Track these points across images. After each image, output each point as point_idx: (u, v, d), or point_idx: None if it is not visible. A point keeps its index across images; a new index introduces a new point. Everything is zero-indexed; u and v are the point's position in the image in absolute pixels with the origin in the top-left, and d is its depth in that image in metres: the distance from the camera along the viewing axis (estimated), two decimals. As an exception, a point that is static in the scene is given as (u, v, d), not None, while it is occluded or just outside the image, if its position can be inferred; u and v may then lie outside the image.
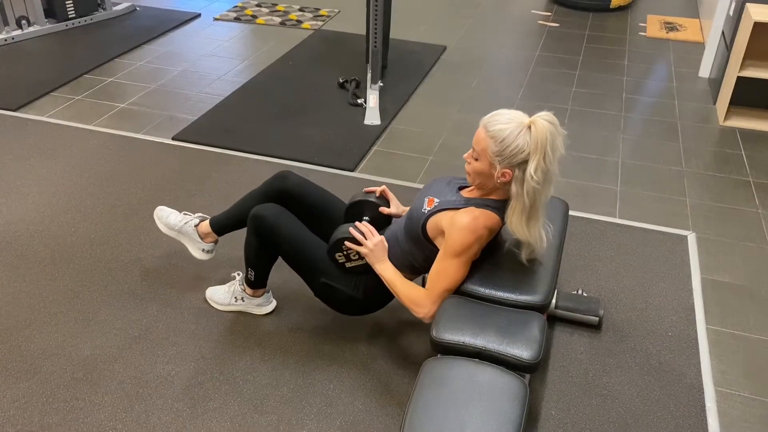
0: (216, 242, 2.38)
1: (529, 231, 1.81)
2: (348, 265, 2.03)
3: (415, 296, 1.89)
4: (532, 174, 1.70)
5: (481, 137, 1.76)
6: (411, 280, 1.99)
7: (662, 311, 2.37)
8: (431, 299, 1.86)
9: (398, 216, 2.15)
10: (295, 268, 2.10)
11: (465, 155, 1.85)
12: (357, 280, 2.05)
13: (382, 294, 2.04)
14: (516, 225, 1.79)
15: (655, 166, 3.29)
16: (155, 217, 2.40)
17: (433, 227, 1.87)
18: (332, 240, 1.99)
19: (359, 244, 1.95)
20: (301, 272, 2.09)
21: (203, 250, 2.37)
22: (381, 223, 2.13)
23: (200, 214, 2.40)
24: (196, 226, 2.35)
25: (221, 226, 2.32)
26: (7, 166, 3.16)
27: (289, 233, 2.06)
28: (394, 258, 2.00)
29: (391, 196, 2.16)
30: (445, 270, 1.84)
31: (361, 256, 1.99)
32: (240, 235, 2.26)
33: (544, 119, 1.71)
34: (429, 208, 1.89)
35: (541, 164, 1.70)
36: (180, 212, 2.40)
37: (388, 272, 1.95)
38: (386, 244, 1.98)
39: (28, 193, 2.96)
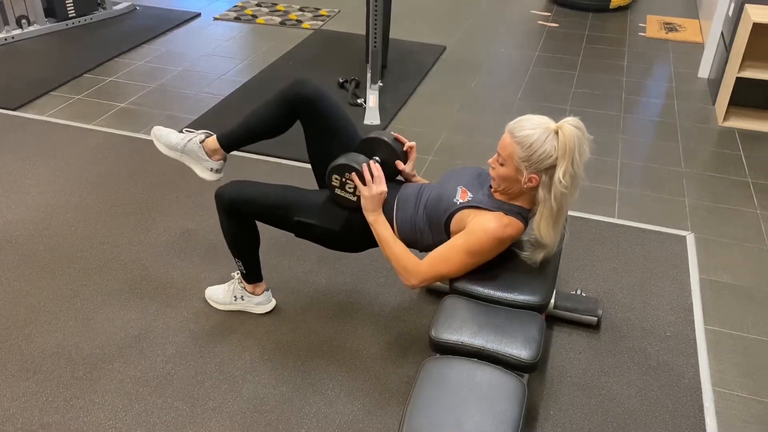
0: (225, 160, 2.19)
1: (555, 234, 1.81)
2: (337, 191, 1.98)
3: (408, 264, 1.86)
4: (561, 179, 1.70)
5: (508, 143, 1.76)
6: None
7: (661, 311, 2.38)
8: (425, 275, 1.84)
9: (408, 177, 2.11)
10: (270, 222, 2.06)
11: (490, 160, 1.84)
12: (333, 214, 2.01)
13: (364, 233, 1.99)
14: (544, 230, 1.79)
15: (654, 167, 3.29)
16: (153, 138, 2.17)
17: (459, 221, 1.84)
18: (340, 161, 1.94)
19: (363, 181, 1.92)
20: (277, 223, 2.06)
21: (211, 169, 2.17)
22: (388, 171, 2.05)
23: (205, 130, 2.18)
24: (201, 142, 2.14)
25: (230, 141, 2.13)
26: (6, 165, 3.17)
27: (251, 192, 2.03)
28: (402, 224, 1.96)
29: (413, 156, 2.10)
30: (451, 259, 1.82)
31: (354, 193, 1.96)
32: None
33: (571, 124, 1.71)
34: (462, 201, 1.85)
35: (569, 169, 1.70)
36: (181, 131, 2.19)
37: (381, 226, 1.92)
38: (385, 197, 1.94)
39: (28, 193, 2.96)
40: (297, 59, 4.43)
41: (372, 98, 3.80)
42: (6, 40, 4.48)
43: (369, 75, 3.99)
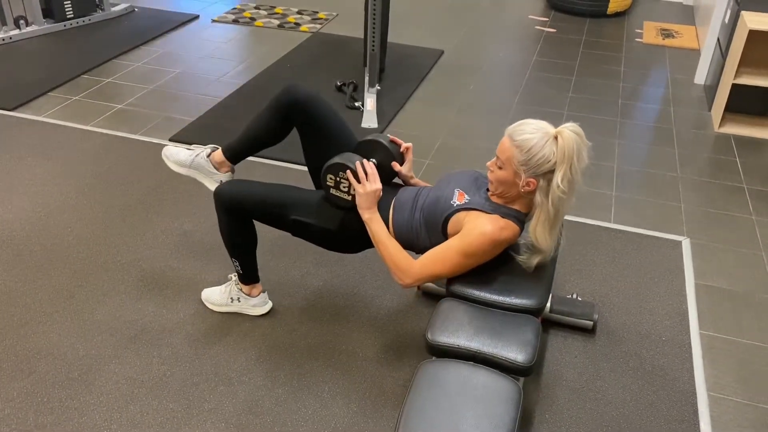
0: (232, 172, 2.25)
1: (552, 240, 1.82)
2: (332, 191, 1.99)
3: (402, 263, 1.86)
4: (559, 184, 1.71)
5: (506, 146, 1.77)
6: None
7: (656, 316, 2.39)
8: (418, 275, 1.84)
9: (406, 179, 2.12)
10: (267, 221, 2.07)
11: (488, 163, 1.85)
12: (330, 213, 2.01)
13: (361, 233, 1.99)
14: (540, 234, 1.80)
15: (650, 172, 3.30)
16: (164, 157, 2.26)
17: (456, 223, 1.85)
18: (334, 161, 1.95)
19: (358, 179, 1.92)
20: (274, 221, 2.06)
21: (221, 181, 2.22)
22: (385, 173, 2.06)
23: (212, 145, 2.25)
24: (208, 156, 2.21)
25: (234, 152, 2.20)
26: (3, 165, 3.16)
27: (249, 191, 2.05)
28: (399, 226, 1.96)
29: (409, 157, 2.12)
30: (446, 259, 1.82)
31: (349, 192, 1.96)
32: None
33: (570, 130, 1.72)
34: (459, 203, 1.86)
35: (567, 174, 1.71)
36: (188, 147, 2.26)
37: (376, 225, 1.92)
38: (380, 195, 1.95)
39: (25, 193, 2.96)
40: (295, 62, 4.43)
41: (370, 101, 3.80)
42: (4, 40, 4.48)
43: (367, 78, 4.00)
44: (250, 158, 3.26)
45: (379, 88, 4.01)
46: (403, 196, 2.01)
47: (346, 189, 1.96)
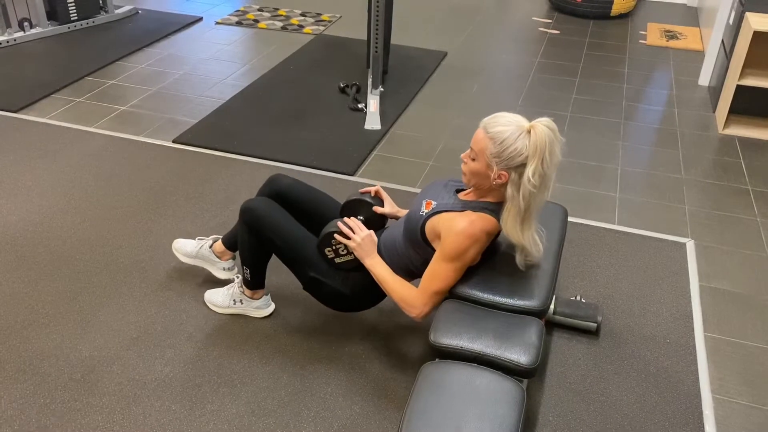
0: (234, 258, 2.42)
1: (523, 234, 1.81)
2: (337, 260, 2.04)
3: (407, 296, 1.90)
4: (530, 177, 1.71)
5: (480, 137, 1.77)
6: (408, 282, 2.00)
7: (660, 318, 2.38)
8: (423, 300, 1.88)
9: (393, 216, 2.17)
10: (285, 261, 2.10)
11: (462, 155, 1.86)
12: (345, 276, 2.06)
13: (371, 292, 2.05)
14: (510, 228, 1.80)
15: (654, 174, 3.30)
16: (174, 250, 2.45)
17: (431, 230, 1.88)
18: (321, 234, 2.01)
19: (348, 238, 1.97)
20: (291, 265, 2.10)
21: (224, 268, 2.41)
22: (376, 223, 2.16)
23: (214, 236, 2.44)
24: (210, 247, 2.40)
25: (232, 242, 2.36)
26: (7, 167, 3.17)
27: (278, 224, 2.07)
28: (392, 262, 2.01)
29: (384, 195, 2.19)
30: (438, 273, 1.85)
31: (349, 252, 2.01)
32: (239, 238, 2.26)
33: (543, 125, 1.72)
34: (426, 211, 1.89)
35: (539, 169, 1.71)
36: (194, 239, 2.47)
37: (378, 268, 1.96)
38: (375, 239, 2.00)
39: (29, 195, 2.96)
40: (298, 64, 4.44)
41: (373, 103, 3.80)
42: (8, 42, 4.49)
43: (370, 80, 4.00)
44: (255, 160, 3.27)
45: (382, 89, 4.01)
46: (387, 232, 2.09)
47: (345, 252, 2.02)
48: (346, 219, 2.02)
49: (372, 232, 2.00)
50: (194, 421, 1.94)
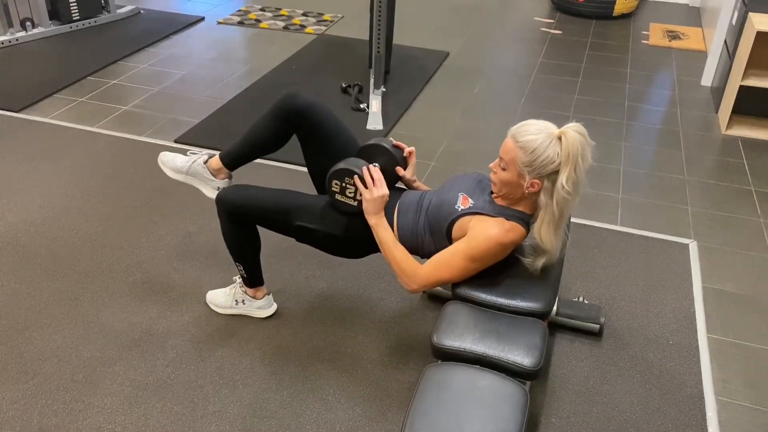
0: (230, 178, 2.24)
1: (557, 240, 1.81)
2: (338, 197, 1.97)
3: (408, 268, 1.86)
4: (564, 184, 1.70)
5: (510, 147, 1.75)
6: None
7: (663, 319, 2.37)
8: (424, 280, 1.84)
9: (409, 183, 2.11)
10: (271, 227, 2.06)
11: (491, 164, 1.83)
12: (335, 219, 2.00)
13: (366, 238, 1.99)
14: (545, 235, 1.79)
15: (656, 174, 3.29)
16: (160, 163, 2.25)
17: (460, 228, 1.84)
18: (339, 166, 1.93)
19: (365, 185, 1.91)
20: (278, 227, 2.05)
21: (217, 188, 2.22)
22: (388, 177, 2.04)
23: (208, 151, 2.25)
24: (205, 162, 2.21)
25: (232, 159, 2.18)
26: (9, 167, 3.17)
27: (252, 197, 2.03)
28: (401, 230, 1.96)
29: (413, 161, 2.12)
30: (452, 264, 1.81)
31: (355, 198, 1.95)
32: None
33: (574, 130, 1.71)
34: (463, 208, 1.85)
35: (572, 175, 1.70)
36: (185, 153, 2.25)
37: (381, 229, 1.91)
38: (387, 200, 1.93)
39: (30, 195, 2.96)
40: (300, 64, 4.43)
41: (375, 103, 3.80)
42: (10, 42, 4.49)
43: (372, 80, 4.00)
44: (257, 160, 3.26)
45: (384, 89, 4.01)
46: (406, 199, 2.00)
47: (351, 194, 1.95)
48: (372, 168, 1.93)
49: (388, 193, 1.93)
50: (196, 422, 1.93)
